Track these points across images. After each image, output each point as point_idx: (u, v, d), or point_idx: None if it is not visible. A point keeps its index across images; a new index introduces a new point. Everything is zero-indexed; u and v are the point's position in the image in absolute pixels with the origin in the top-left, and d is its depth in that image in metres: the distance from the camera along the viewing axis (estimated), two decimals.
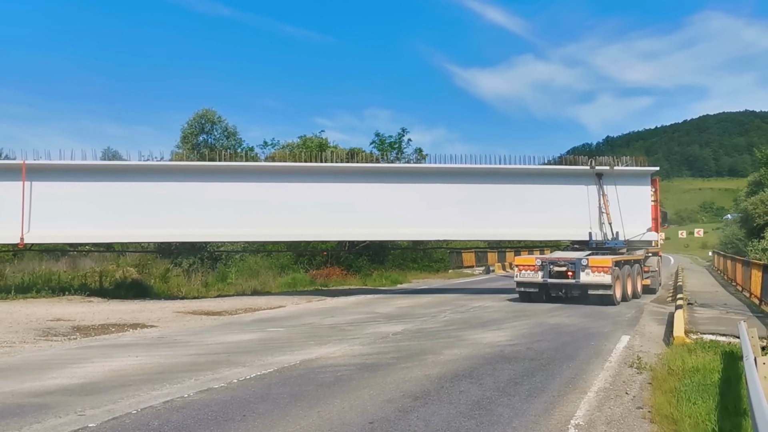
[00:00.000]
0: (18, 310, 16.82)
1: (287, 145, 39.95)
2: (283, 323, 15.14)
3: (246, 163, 26.91)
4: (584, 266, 19.20)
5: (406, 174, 25.75)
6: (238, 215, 22.19)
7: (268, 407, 6.95)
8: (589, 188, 23.05)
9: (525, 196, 23.65)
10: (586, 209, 22.92)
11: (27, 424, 6.14)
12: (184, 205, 21.61)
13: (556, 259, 20.25)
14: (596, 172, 22.84)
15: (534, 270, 20.19)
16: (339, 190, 23.82)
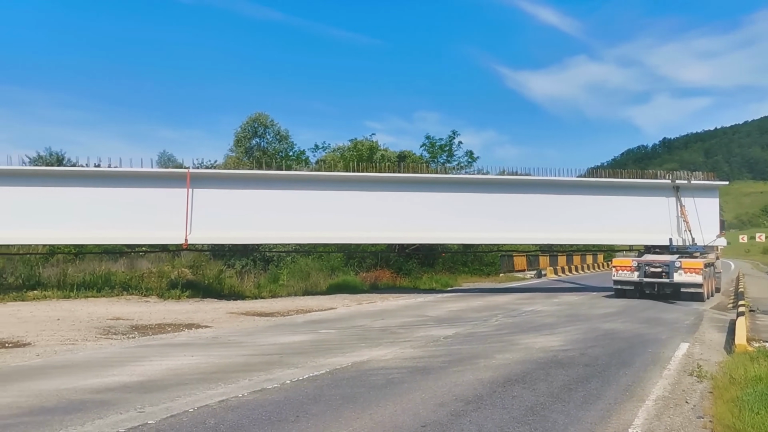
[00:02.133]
0: (80, 308, 17.38)
1: (338, 149, 40.27)
2: (334, 325, 15.25)
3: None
4: (677, 268, 22.27)
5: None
6: (293, 219, 22.89)
7: (320, 409, 7.00)
8: (669, 199, 25.86)
9: (585, 204, 25.74)
10: (665, 217, 25.63)
11: (90, 419, 6.32)
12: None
13: (651, 261, 23.02)
14: (675, 185, 25.68)
15: (630, 270, 23.15)
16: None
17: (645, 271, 22.82)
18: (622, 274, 23.39)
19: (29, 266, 24.19)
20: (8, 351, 10.96)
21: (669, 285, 22.58)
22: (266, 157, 36.53)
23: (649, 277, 22.74)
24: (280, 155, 39.92)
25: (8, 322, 14.43)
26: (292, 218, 23.08)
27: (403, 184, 24.89)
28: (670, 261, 22.58)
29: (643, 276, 22.83)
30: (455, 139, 42.11)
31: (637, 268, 23.00)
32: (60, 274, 23.46)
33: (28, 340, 12.10)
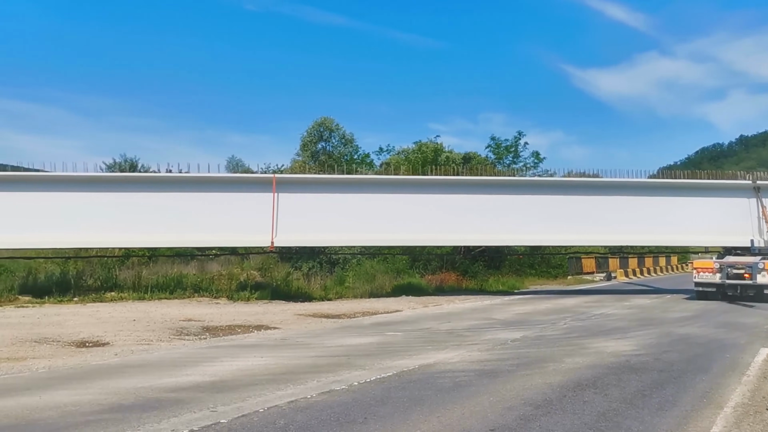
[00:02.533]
0: (154, 309, 17.96)
1: (402, 151, 40.36)
2: (400, 327, 15.27)
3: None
4: (761, 269, 22.14)
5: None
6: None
7: (388, 410, 7.01)
8: (750, 200, 25.35)
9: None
10: (744, 218, 25.16)
11: (165, 417, 6.51)
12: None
13: (733, 263, 22.91)
14: (756, 186, 25.49)
15: (711, 272, 22.93)
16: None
17: (727, 273, 22.62)
18: (703, 276, 23.14)
19: (107, 269, 25.17)
20: (89, 350, 11.43)
21: (752, 287, 22.31)
22: (331, 160, 36.95)
23: (732, 278, 22.52)
24: (345, 159, 40.31)
25: (88, 323, 15.05)
26: (361, 221, 23.40)
27: (468, 186, 24.83)
28: (753, 262, 22.42)
29: (725, 278, 22.59)
30: (521, 140, 41.67)
31: (719, 270, 22.81)
32: (135, 276, 24.32)
33: (106, 339, 12.59)
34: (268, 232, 22.51)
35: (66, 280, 22.91)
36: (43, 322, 15.20)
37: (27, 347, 11.57)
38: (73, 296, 21.19)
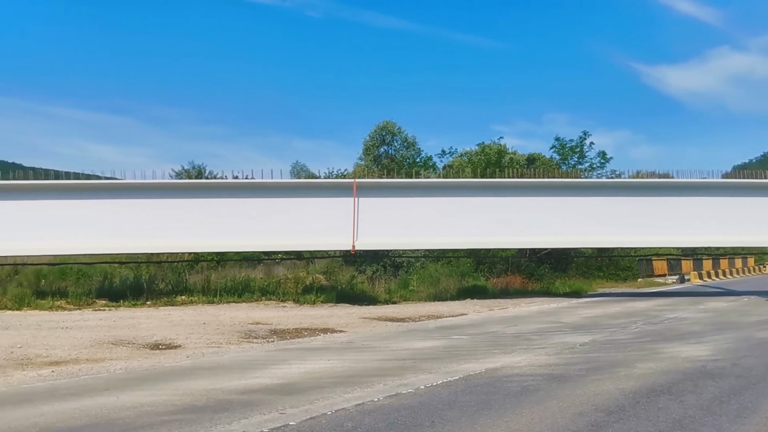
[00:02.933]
0: (223, 313, 18.38)
1: (465, 153, 40.18)
2: (465, 331, 15.16)
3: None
4: None
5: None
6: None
7: (455, 414, 6.96)
8: None
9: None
10: None
11: (236, 419, 6.64)
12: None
13: None
14: None
15: None
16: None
17: None
18: None
19: (177, 273, 25.92)
20: (162, 352, 11.78)
21: None
22: (394, 164, 37.07)
23: None
24: (407, 162, 40.36)
25: (161, 326, 15.51)
26: (430, 224, 23.52)
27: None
28: None
29: None
30: (586, 140, 40.94)
31: None
32: (204, 280, 24.96)
33: (178, 342, 12.95)
34: (349, 236, 22.84)
35: (139, 285, 23.70)
36: (118, 324, 15.75)
37: (104, 349, 12.01)
38: (146, 300, 21.90)
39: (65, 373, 9.60)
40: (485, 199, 24.11)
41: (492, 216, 23.78)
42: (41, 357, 11.03)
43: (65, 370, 9.84)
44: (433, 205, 23.85)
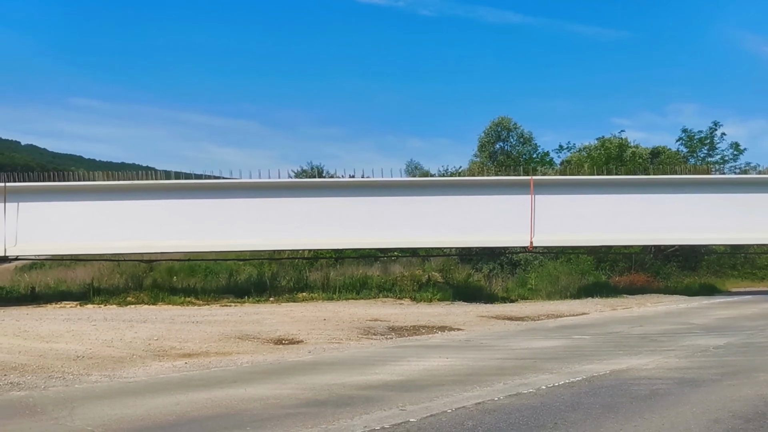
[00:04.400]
0: (342, 309, 18.77)
1: (584, 148, 38.90)
2: (587, 331, 14.69)
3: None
4: None
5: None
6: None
7: (579, 416, 6.74)
8: None
9: None
10: None
11: (357, 414, 6.74)
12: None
13: None
14: None
15: None
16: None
17: None
18: None
19: (298, 270, 26.75)
20: (285, 347, 12.20)
21: None
22: (510, 160, 36.49)
23: None
24: (524, 158, 39.59)
25: (284, 321, 16.06)
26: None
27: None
28: None
29: None
30: (717, 131, 38.51)
31: None
32: (323, 277, 25.60)
33: (300, 337, 13.36)
34: (526, 233, 22.77)
35: (262, 282, 24.65)
36: (244, 320, 16.45)
37: (232, 343, 12.58)
38: (269, 296, 22.73)
39: (197, 365, 10.14)
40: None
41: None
42: (175, 349, 11.70)
43: (197, 362, 10.39)
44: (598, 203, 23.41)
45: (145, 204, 22.59)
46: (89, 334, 13.26)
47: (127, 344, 12.07)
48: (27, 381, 8.70)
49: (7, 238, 21.49)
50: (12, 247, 21.65)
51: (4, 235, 21.50)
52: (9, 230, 21.51)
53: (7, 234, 21.49)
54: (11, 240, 21.52)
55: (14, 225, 21.54)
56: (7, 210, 21.62)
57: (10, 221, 21.56)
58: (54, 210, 22.00)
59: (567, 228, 23.02)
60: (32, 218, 21.68)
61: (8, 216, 21.59)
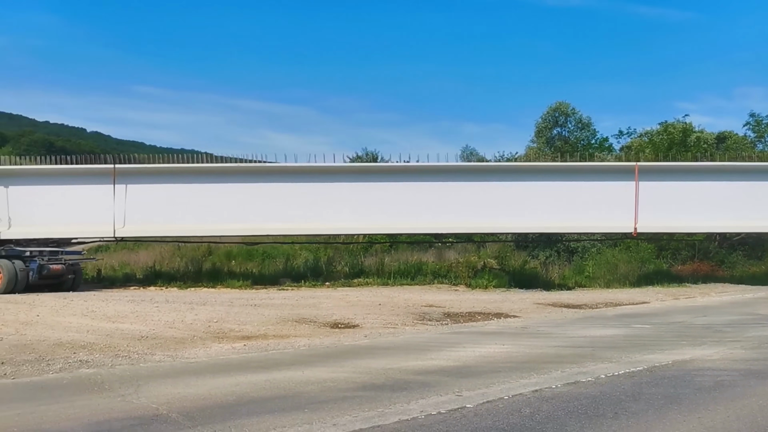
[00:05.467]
0: (397, 295, 18.83)
1: (645, 133, 37.84)
2: (648, 320, 14.36)
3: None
4: None
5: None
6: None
7: (640, 407, 6.60)
8: None
9: None
10: None
11: (414, 399, 6.76)
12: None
13: None
14: None
15: None
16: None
17: None
18: None
19: (353, 256, 26.93)
20: (341, 331, 12.31)
21: None
22: (567, 146, 35.78)
23: None
24: (582, 143, 38.76)
25: (339, 305, 16.21)
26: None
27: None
28: None
29: None
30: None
31: None
32: (378, 263, 25.73)
33: (356, 322, 13.46)
34: (626, 219, 22.49)
35: (318, 266, 24.93)
36: (301, 303, 16.67)
37: (289, 326, 12.76)
38: (325, 281, 22.98)
39: (255, 347, 10.33)
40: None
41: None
42: (234, 331, 11.94)
43: (255, 345, 10.58)
44: (709, 189, 22.88)
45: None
46: (152, 316, 13.67)
47: (188, 326, 12.39)
48: (95, 359, 9.03)
49: (116, 220, 21.93)
50: (121, 229, 22.12)
51: (113, 217, 21.91)
52: (118, 212, 21.95)
53: (116, 215, 21.93)
54: (120, 221, 21.98)
55: (123, 207, 21.98)
56: (117, 192, 22.09)
57: (119, 203, 22.01)
58: (157, 192, 22.39)
59: (670, 214, 22.54)
60: (138, 200, 22.09)
61: (117, 198, 22.06)
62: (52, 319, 12.99)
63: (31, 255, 20.17)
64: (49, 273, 20.01)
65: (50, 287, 20.11)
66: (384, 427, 5.67)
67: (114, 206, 21.91)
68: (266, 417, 5.95)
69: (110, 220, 21.88)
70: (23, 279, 19.43)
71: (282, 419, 5.87)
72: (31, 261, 19.85)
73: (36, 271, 19.65)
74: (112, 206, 21.89)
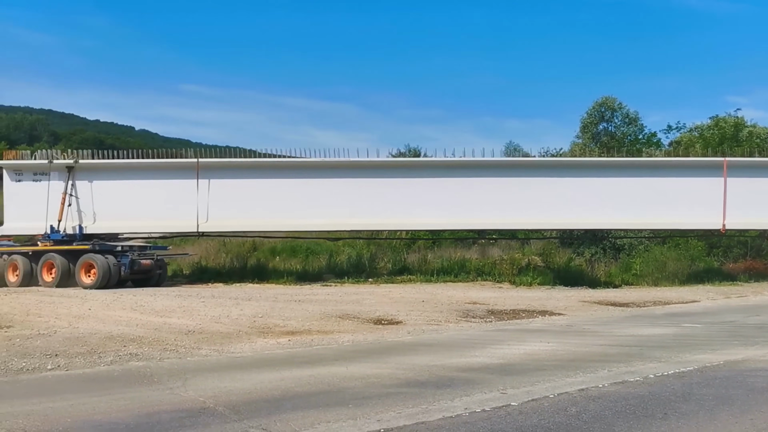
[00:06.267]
0: (440, 292, 18.78)
1: (695, 128, 36.97)
2: (698, 319, 14.03)
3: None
4: None
5: None
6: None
7: (691, 408, 6.44)
8: None
9: None
10: None
11: (458, 396, 6.73)
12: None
13: None
14: None
15: None
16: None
17: None
18: None
19: (395, 252, 26.95)
20: (384, 327, 12.34)
21: None
22: (614, 142, 35.15)
23: None
24: (629, 139, 38.00)
25: (382, 302, 16.24)
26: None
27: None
28: None
29: None
30: None
31: None
32: (421, 259, 25.69)
33: (399, 318, 13.47)
34: (714, 215, 21.95)
35: (361, 263, 25.01)
36: (344, 299, 16.76)
37: (332, 322, 12.84)
38: (368, 277, 23.04)
39: (300, 343, 10.42)
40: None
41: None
42: (279, 326, 12.07)
43: (300, 340, 10.68)
44: None
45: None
46: (198, 310, 13.90)
47: (234, 321, 12.57)
48: (144, 352, 9.22)
49: (199, 215, 21.75)
50: (204, 224, 21.91)
51: (197, 211, 21.72)
52: (201, 206, 21.77)
53: (199, 210, 21.75)
54: (203, 216, 21.80)
55: (206, 201, 21.81)
56: (200, 186, 21.92)
57: (202, 197, 21.83)
58: (237, 187, 22.24)
59: (759, 210, 21.97)
60: (220, 195, 21.88)
61: (200, 192, 21.88)
62: (103, 313, 13.32)
63: (122, 250, 20.46)
64: (139, 268, 20.30)
65: (137, 282, 20.41)
66: (428, 424, 5.65)
67: (197, 201, 21.72)
68: (311, 412, 5.99)
69: (193, 215, 21.68)
70: (116, 274, 19.66)
71: (326, 414, 5.91)
72: (122, 256, 20.11)
73: (128, 266, 19.89)
74: (195, 201, 21.70)
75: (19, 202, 21.92)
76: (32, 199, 21.61)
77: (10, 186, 22.31)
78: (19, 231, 22.23)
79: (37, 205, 21.40)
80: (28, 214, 21.53)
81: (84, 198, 21.91)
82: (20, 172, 22.23)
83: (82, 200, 21.88)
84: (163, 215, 21.94)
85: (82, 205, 21.88)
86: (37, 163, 22.32)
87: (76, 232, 21.48)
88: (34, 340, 9.95)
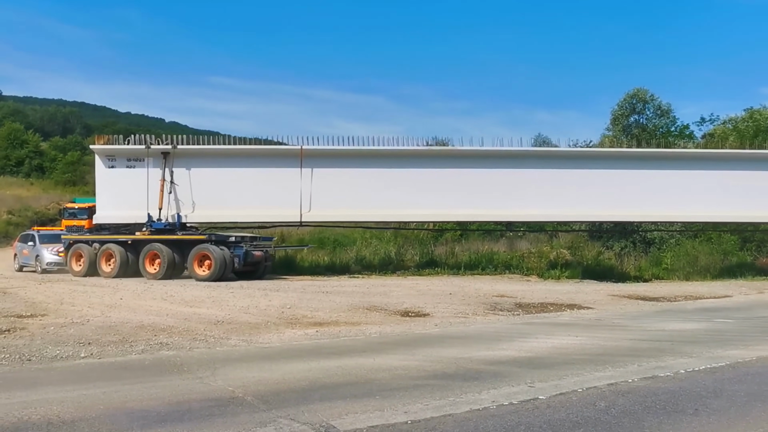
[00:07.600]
0: (468, 284, 18.73)
1: (729, 120, 36.31)
2: (730, 314, 13.82)
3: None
4: None
5: None
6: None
7: (722, 404, 6.35)
8: None
9: None
10: None
11: (485, 389, 6.71)
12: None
13: None
14: None
15: None
16: None
17: None
18: None
19: (423, 244, 26.93)
20: (412, 320, 12.34)
21: None
22: (645, 134, 34.67)
23: None
24: (660, 131, 37.44)
25: (409, 294, 16.25)
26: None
27: None
28: None
29: None
30: None
31: None
32: (448, 252, 25.66)
33: (426, 310, 13.46)
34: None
35: (388, 255, 25.03)
36: (371, 291, 16.80)
37: (360, 313, 12.88)
38: (395, 269, 23.05)
39: (327, 334, 10.47)
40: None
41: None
42: (306, 317, 12.14)
43: (327, 331, 10.73)
44: None
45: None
46: (227, 301, 14.05)
47: (262, 311, 12.68)
48: (174, 342, 9.35)
49: (303, 204, 21.16)
50: (306, 213, 21.35)
51: (300, 201, 21.11)
52: (305, 196, 21.14)
53: (303, 200, 21.13)
54: (306, 206, 21.20)
55: (309, 191, 21.15)
56: (303, 175, 21.31)
57: (305, 187, 21.20)
58: (338, 176, 21.72)
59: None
60: (322, 184, 21.31)
61: (304, 181, 21.26)
62: (134, 303, 13.53)
63: (236, 241, 20.06)
64: (252, 259, 20.04)
65: (245, 274, 20.02)
66: (455, 416, 5.65)
67: (301, 189, 21.09)
68: (338, 402, 6.02)
69: (297, 204, 21.09)
70: (230, 265, 19.41)
71: (354, 405, 5.93)
72: (236, 247, 19.77)
73: (242, 257, 19.64)
74: (299, 189, 21.06)
75: (113, 190, 21.16)
76: (127, 186, 20.92)
77: (103, 173, 21.47)
78: (115, 219, 21.46)
79: (132, 193, 20.75)
80: (123, 202, 20.91)
81: (182, 186, 21.22)
82: (113, 158, 21.39)
83: (179, 188, 21.20)
84: (265, 204, 21.22)
85: (180, 193, 21.20)
86: (133, 148, 21.36)
87: (175, 221, 20.91)
88: (67, 328, 10.15)
